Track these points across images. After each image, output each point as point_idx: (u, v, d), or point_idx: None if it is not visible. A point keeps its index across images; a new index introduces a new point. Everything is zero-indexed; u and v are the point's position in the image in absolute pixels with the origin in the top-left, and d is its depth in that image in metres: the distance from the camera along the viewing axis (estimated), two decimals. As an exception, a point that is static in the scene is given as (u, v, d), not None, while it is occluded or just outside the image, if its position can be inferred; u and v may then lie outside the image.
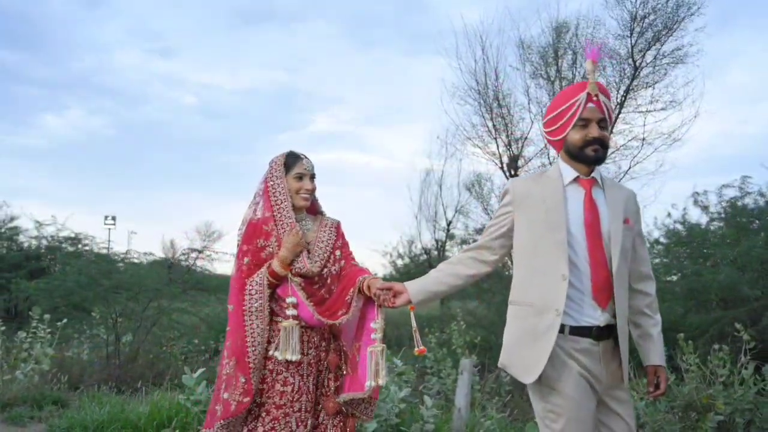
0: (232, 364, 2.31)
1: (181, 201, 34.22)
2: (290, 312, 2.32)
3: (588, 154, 2.10)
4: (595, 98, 2.10)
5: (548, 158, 11.95)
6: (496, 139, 12.11)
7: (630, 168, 11.66)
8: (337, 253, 2.50)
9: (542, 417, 2.07)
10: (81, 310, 7.48)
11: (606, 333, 2.06)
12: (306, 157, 2.49)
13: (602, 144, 2.10)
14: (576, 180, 2.13)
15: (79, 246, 10.37)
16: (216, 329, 8.65)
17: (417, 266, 16.99)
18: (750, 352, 4.29)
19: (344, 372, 2.46)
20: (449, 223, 16.65)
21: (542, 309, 2.05)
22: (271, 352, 2.34)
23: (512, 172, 11.97)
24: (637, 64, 11.10)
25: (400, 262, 17.97)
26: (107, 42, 29.86)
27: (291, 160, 2.47)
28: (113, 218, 22.02)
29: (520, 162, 11.96)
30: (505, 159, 12.10)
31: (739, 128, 21.85)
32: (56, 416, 4.55)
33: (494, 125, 12.08)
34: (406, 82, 28.31)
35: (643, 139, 11.43)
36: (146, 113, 31.26)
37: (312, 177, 2.49)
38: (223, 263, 9.46)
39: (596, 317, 2.04)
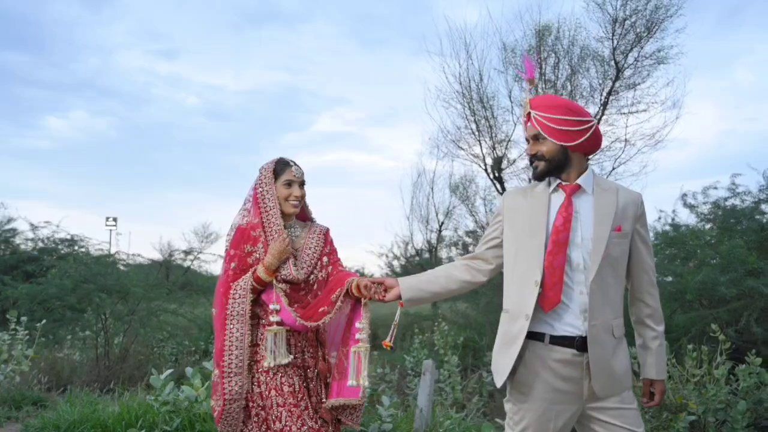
0: (217, 372, 2.33)
1: (184, 202, 34.31)
2: (273, 318, 2.32)
3: (532, 171, 2.17)
4: (525, 117, 2.17)
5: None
6: (479, 141, 12.11)
7: (613, 169, 11.63)
8: (325, 259, 2.51)
9: (509, 418, 2.15)
10: (75, 311, 7.53)
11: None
12: (295, 164, 2.49)
13: (539, 158, 2.13)
14: (558, 186, 2.14)
15: (76, 248, 10.40)
16: (206, 331, 8.71)
17: (413, 267, 16.92)
18: (726, 352, 4.27)
19: (328, 379, 2.45)
20: (441, 225, 16.52)
21: (516, 315, 2.09)
22: (260, 356, 2.34)
23: (496, 174, 11.97)
24: (620, 65, 11.07)
25: (396, 264, 17.85)
26: (111, 44, 30.00)
27: (280, 167, 2.48)
28: (114, 219, 22.18)
29: (504, 164, 11.95)
30: (489, 161, 12.10)
31: (744, 126, 21.78)
32: (33, 416, 4.59)
33: (478, 127, 12.08)
34: (410, 82, 28.38)
35: (626, 140, 11.40)
36: (150, 114, 31.42)
37: (301, 184, 2.49)
38: (216, 264, 9.54)
39: (578, 326, 2.02)
